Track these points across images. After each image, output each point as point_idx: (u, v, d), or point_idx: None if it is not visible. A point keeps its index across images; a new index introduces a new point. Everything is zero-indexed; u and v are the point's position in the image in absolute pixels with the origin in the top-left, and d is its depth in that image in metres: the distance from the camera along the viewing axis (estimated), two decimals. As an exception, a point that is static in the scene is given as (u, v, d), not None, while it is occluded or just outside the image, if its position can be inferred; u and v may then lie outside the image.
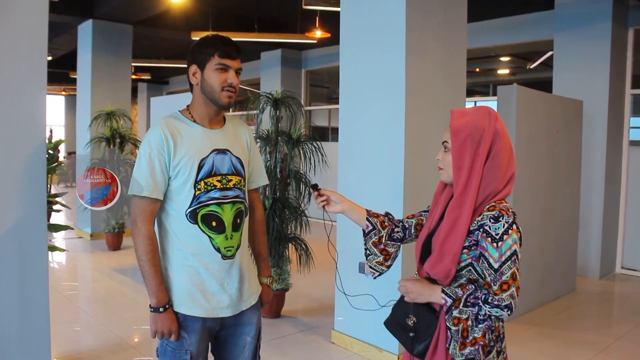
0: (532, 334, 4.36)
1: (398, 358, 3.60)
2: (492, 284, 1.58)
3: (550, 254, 5.22)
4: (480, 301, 1.58)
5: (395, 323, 1.79)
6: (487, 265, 1.59)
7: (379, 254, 1.92)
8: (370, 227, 1.93)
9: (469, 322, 1.61)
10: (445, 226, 1.66)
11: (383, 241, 1.92)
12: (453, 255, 1.63)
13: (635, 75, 6.48)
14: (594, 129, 6.15)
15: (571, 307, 5.18)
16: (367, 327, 3.84)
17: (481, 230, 1.61)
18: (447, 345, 1.63)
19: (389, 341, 3.66)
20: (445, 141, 1.71)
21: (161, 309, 1.87)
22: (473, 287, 1.62)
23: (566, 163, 5.45)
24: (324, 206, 1.95)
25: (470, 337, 1.61)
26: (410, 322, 1.72)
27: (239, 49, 1.95)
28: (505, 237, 1.57)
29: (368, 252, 1.94)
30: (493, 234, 1.58)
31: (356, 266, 3.81)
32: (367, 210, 1.96)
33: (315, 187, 1.97)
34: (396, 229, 1.95)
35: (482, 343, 1.60)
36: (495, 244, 1.58)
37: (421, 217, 1.98)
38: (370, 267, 1.95)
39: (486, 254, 1.59)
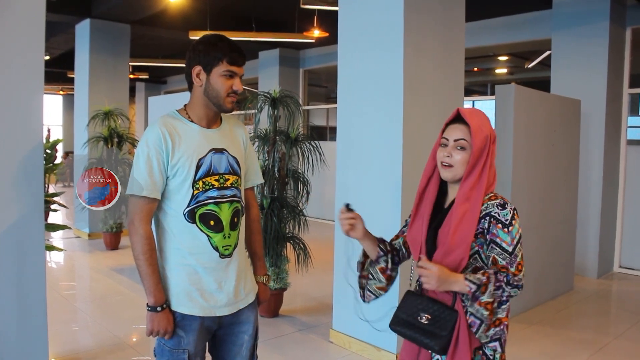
0: (530, 333, 4.36)
1: (396, 357, 3.60)
2: (509, 266, 1.68)
3: (548, 253, 5.23)
4: (503, 284, 1.66)
5: (404, 323, 1.76)
6: (500, 250, 1.68)
7: (383, 280, 1.93)
8: (382, 254, 1.93)
9: (494, 305, 1.67)
10: (455, 218, 1.70)
11: (389, 266, 1.93)
12: (466, 245, 1.68)
13: (632, 74, 6.49)
14: (592, 128, 6.16)
15: (569, 306, 5.18)
16: (365, 326, 3.82)
17: (488, 218, 1.70)
18: (476, 329, 1.66)
19: (387, 340, 3.66)
20: (463, 139, 1.74)
21: (158, 309, 1.86)
22: (492, 271, 1.67)
23: (564, 162, 5.46)
24: (348, 230, 1.87)
25: (495, 318, 1.67)
26: (423, 320, 1.71)
27: (245, 55, 1.95)
28: (513, 222, 1.69)
29: (371, 277, 1.94)
30: (503, 220, 1.69)
31: (354, 265, 3.80)
32: (377, 238, 1.96)
33: (348, 205, 1.87)
34: (394, 252, 1.97)
35: (506, 323, 1.69)
36: (506, 229, 1.68)
37: (405, 234, 1.97)
38: (370, 292, 1.96)
39: (498, 240, 1.69)
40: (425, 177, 1.85)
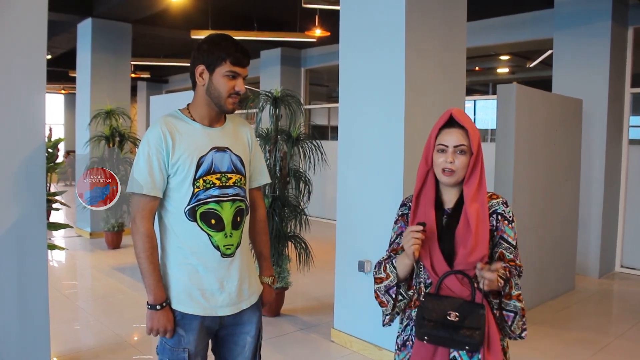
0: (531, 333, 4.33)
1: (397, 356, 3.59)
2: (515, 258, 1.80)
3: (550, 253, 5.22)
4: (516, 275, 1.77)
5: (434, 326, 1.70)
6: (507, 245, 1.80)
7: (411, 295, 1.88)
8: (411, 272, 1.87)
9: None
10: (472, 218, 1.73)
11: (412, 278, 1.89)
12: (485, 243, 1.73)
13: (634, 74, 6.48)
14: (594, 127, 6.15)
15: (570, 306, 5.18)
16: (366, 325, 3.84)
17: (495, 215, 1.80)
18: (511, 322, 1.75)
19: (388, 339, 3.66)
20: (463, 144, 1.75)
21: (158, 307, 1.87)
22: (506, 265, 1.76)
23: (566, 162, 5.46)
24: (416, 250, 1.72)
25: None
26: (452, 318, 1.68)
27: (249, 56, 1.94)
28: (514, 218, 1.83)
29: (401, 298, 1.87)
30: (508, 217, 1.81)
31: (355, 264, 3.81)
32: None
33: (423, 225, 1.75)
34: None
35: (524, 310, 1.79)
36: (510, 225, 1.81)
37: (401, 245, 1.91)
38: (398, 312, 1.90)
39: (505, 235, 1.80)
40: (420, 181, 1.85)
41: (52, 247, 3.64)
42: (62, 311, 4.68)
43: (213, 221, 1.91)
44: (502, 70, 10.32)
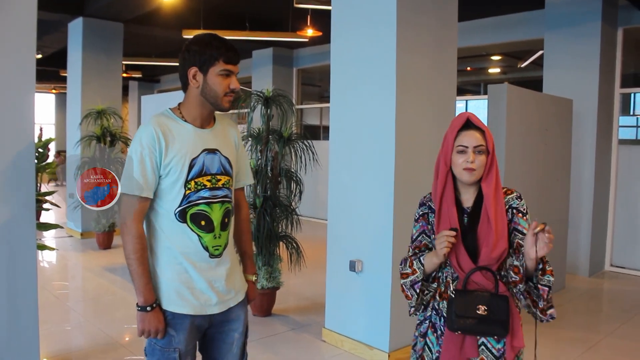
0: (522, 331, 4.38)
1: (388, 356, 3.61)
2: None
3: (540, 252, 5.24)
4: None
5: (464, 321, 1.84)
6: (522, 235, 1.91)
7: (436, 288, 1.99)
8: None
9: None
10: (492, 215, 1.85)
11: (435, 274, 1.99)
12: (505, 236, 1.87)
13: (624, 74, 6.54)
14: (584, 127, 6.19)
15: (561, 305, 5.21)
16: (357, 325, 3.85)
17: (511, 210, 1.93)
18: (546, 295, 1.94)
19: (379, 338, 3.67)
20: (482, 145, 1.89)
21: (148, 308, 1.86)
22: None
23: (556, 161, 5.49)
24: (447, 252, 1.84)
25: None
26: (482, 312, 1.84)
27: (239, 53, 1.95)
28: (527, 210, 1.95)
29: (427, 292, 1.98)
30: (522, 210, 1.94)
31: (347, 264, 3.81)
32: None
33: (455, 230, 1.85)
34: None
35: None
36: (525, 217, 1.94)
37: (423, 244, 2.01)
38: (423, 304, 2.00)
39: (519, 227, 1.92)
40: (442, 183, 1.91)
41: (42, 247, 3.62)
42: (53, 312, 4.66)
43: (203, 222, 1.91)
44: (494, 70, 10.37)
